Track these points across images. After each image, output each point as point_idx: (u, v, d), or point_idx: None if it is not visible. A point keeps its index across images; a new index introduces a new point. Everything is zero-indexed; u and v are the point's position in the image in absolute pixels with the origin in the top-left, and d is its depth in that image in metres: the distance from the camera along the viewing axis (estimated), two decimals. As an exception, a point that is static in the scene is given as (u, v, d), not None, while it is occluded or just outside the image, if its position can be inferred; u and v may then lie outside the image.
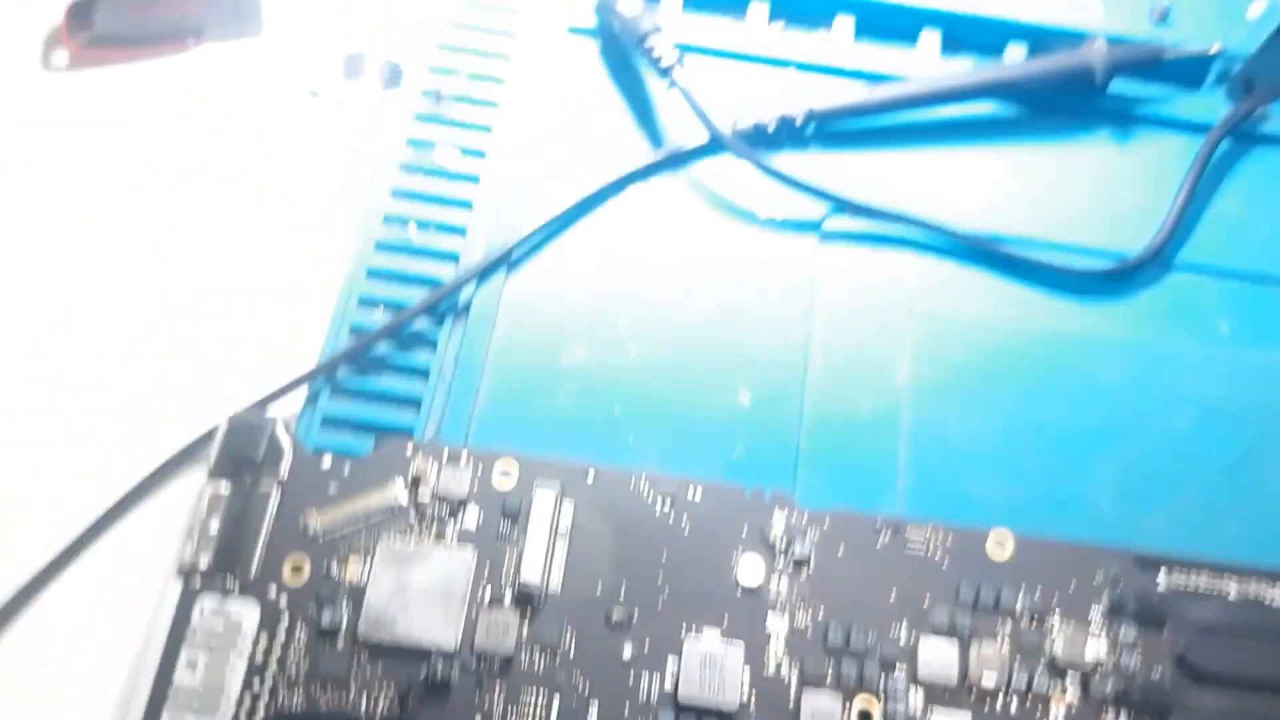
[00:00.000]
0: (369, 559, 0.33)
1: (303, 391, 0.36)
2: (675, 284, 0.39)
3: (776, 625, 0.33)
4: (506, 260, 0.38)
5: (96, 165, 0.41)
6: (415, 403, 0.36)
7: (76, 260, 0.40)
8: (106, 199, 0.41)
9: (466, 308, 0.38)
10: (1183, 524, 0.36)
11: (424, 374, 0.37)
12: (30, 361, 0.38)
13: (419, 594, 0.32)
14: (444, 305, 0.37)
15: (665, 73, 0.40)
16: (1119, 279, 0.39)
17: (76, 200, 0.41)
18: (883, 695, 0.32)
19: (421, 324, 0.37)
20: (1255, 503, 0.36)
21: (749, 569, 0.34)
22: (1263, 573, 0.34)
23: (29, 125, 0.42)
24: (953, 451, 0.36)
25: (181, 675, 0.31)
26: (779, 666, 0.32)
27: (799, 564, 0.34)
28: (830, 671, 0.32)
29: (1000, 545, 0.34)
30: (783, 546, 0.34)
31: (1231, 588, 0.34)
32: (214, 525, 0.33)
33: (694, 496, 0.34)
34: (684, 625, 0.33)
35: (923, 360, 0.38)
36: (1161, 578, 0.34)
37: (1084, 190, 0.41)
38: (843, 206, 0.39)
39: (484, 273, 0.38)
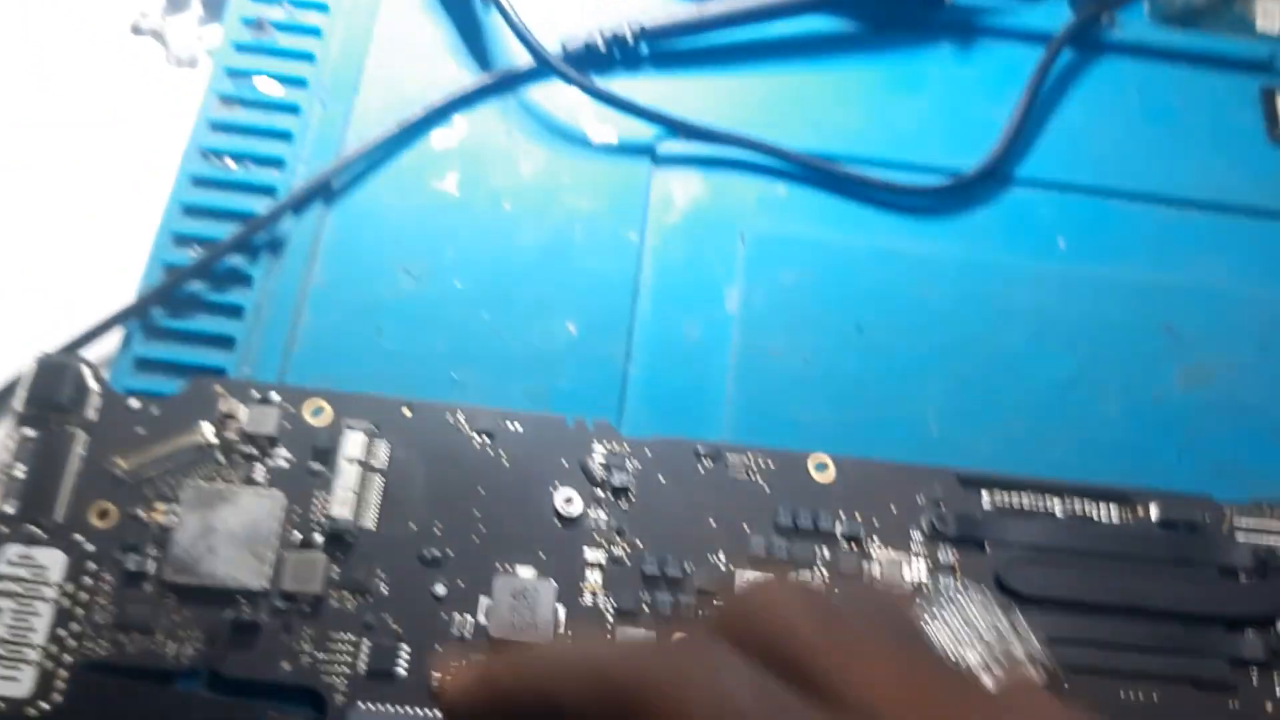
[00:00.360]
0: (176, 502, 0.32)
1: (117, 335, 0.35)
2: (502, 212, 0.38)
3: (594, 557, 0.33)
4: (325, 191, 0.37)
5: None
6: (231, 341, 0.35)
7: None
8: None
9: (284, 242, 0.36)
10: (1012, 444, 0.35)
11: (240, 312, 0.36)
12: None
13: (226, 536, 0.32)
14: (260, 240, 0.36)
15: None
16: (953, 196, 0.38)
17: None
18: (699, 624, 0.32)
19: (238, 260, 0.36)
20: (1087, 422, 0.36)
21: (568, 501, 0.33)
22: (1089, 490, 0.34)
23: None
24: (781, 377, 0.36)
25: (-16, 626, 0.31)
26: (595, 598, 0.32)
27: (619, 493, 0.33)
28: (646, 605, 0.32)
29: (822, 468, 0.34)
30: (603, 476, 0.33)
31: (1057, 507, 0.34)
32: (19, 471, 0.32)
33: (514, 428, 0.34)
34: (499, 562, 0.32)
35: (754, 285, 0.37)
36: (985, 498, 0.34)
37: (923, 107, 0.40)
38: (676, 130, 0.39)
39: (301, 204, 0.37)
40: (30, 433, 0.33)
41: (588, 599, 0.32)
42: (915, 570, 0.33)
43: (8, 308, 0.37)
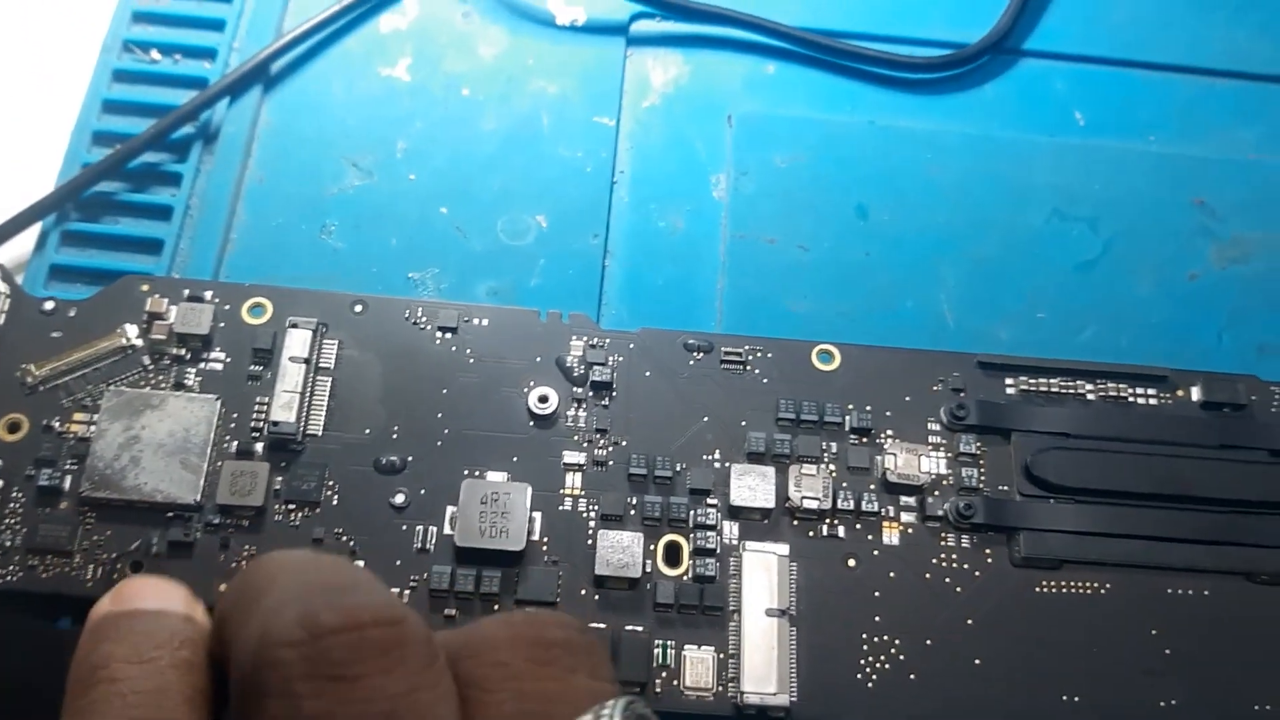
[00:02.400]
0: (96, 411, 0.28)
1: (30, 242, 0.32)
2: (460, 99, 0.34)
3: (573, 459, 0.29)
4: (263, 77, 0.33)
5: None
6: (158, 245, 0.31)
7: None
8: None
9: (216, 135, 0.33)
10: (1035, 331, 0.32)
11: (168, 213, 0.32)
12: None
13: (153, 446, 0.28)
14: (190, 134, 0.33)
15: None
16: (959, 69, 0.35)
17: None
18: (692, 530, 0.28)
19: (165, 158, 0.32)
20: (1116, 304, 0.33)
21: (542, 400, 0.29)
22: (1123, 373, 0.30)
23: None
24: (777, 268, 0.33)
25: None
26: (574, 503, 0.28)
27: (599, 390, 0.30)
28: (633, 508, 0.28)
29: (826, 358, 0.30)
30: (581, 372, 0.30)
31: (1088, 391, 0.30)
32: (-82, 383, 0.29)
33: (480, 323, 0.30)
34: (466, 468, 0.28)
35: (744, 170, 0.34)
36: (1008, 384, 0.30)
37: (920, -25, 0.37)
38: (652, 6, 0.35)
39: (235, 91, 0.33)
40: (-70, 340, 0.29)
41: (567, 504, 0.28)
42: (933, 463, 0.29)
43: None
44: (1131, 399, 0.30)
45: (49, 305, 0.30)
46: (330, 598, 0.15)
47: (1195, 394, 0.30)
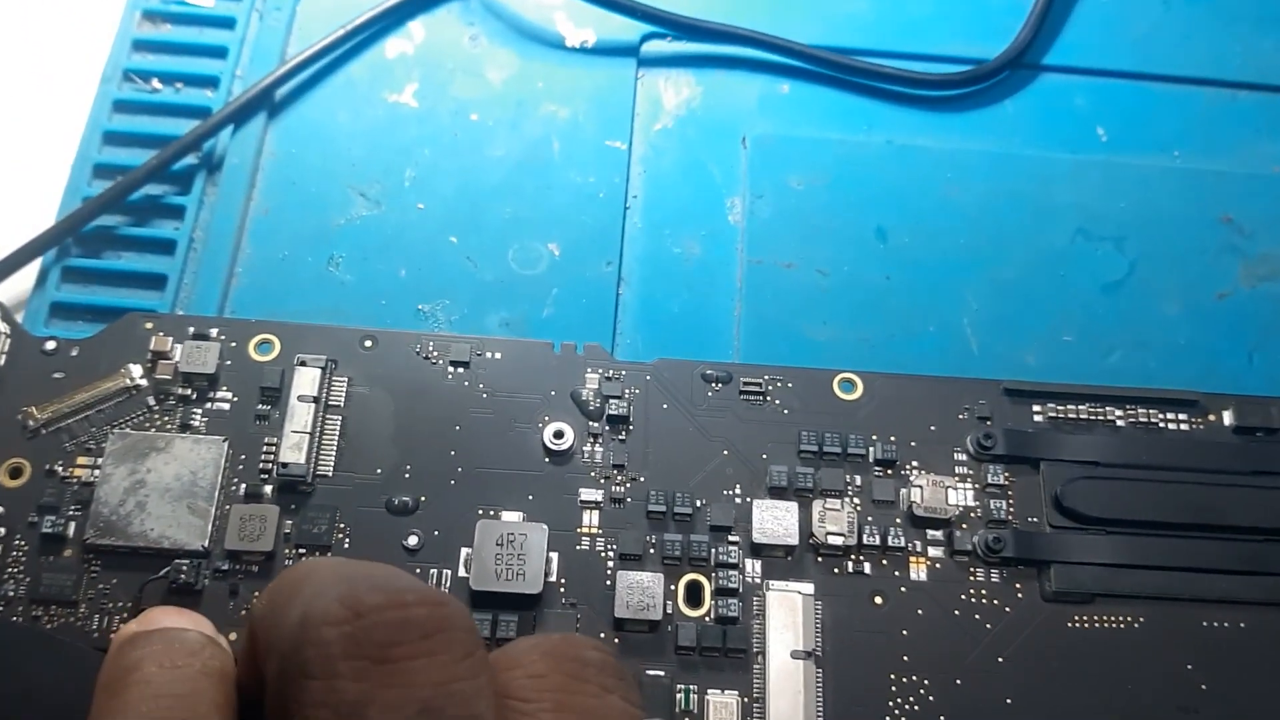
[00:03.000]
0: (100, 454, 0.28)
1: (30, 279, 0.31)
2: (469, 124, 0.33)
3: (590, 497, 0.28)
4: (267, 104, 0.33)
5: None
6: (162, 280, 0.31)
7: None
8: None
9: (220, 165, 0.32)
10: (1061, 355, 0.32)
11: (171, 247, 0.31)
12: None
13: (159, 491, 0.27)
14: (194, 164, 0.32)
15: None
16: (977, 86, 0.34)
17: None
18: (713, 569, 0.27)
19: (168, 190, 0.32)
20: (1143, 325, 0.32)
21: (557, 435, 0.29)
22: (1153, 397, 0.30)
23: None
24: (795, 293, 0.32)
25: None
26: (593, 541, 0.28)
27: (616, 424, 0.29)
28: (652, 546, 0.28)
29: (849, 387, 0.29)
30: (597, 406, 0.29)
31: (1117, 417, 0.30)
32: (-82, 427, 0.28)
33: (493, 356, 0.29)
34: (480, 507, 0.28)
35: (760, 193, 0.33)
36: (1035, 411, 0.29)
37: (935, -9, 0.36)
38: (663, 26, 0.34)
39: (239, 119, 0.32)
40: (-70, 382, 0.28)
41: (584, 544, 0.28)
42: (961, 495, 0.28)
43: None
44: (1162, 424, 0.30)
45: (50, 345, 0.29)
46: (373, 580, 0.15)
47: (1227, 419, 0.30)
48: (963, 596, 0.28)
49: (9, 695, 0.24)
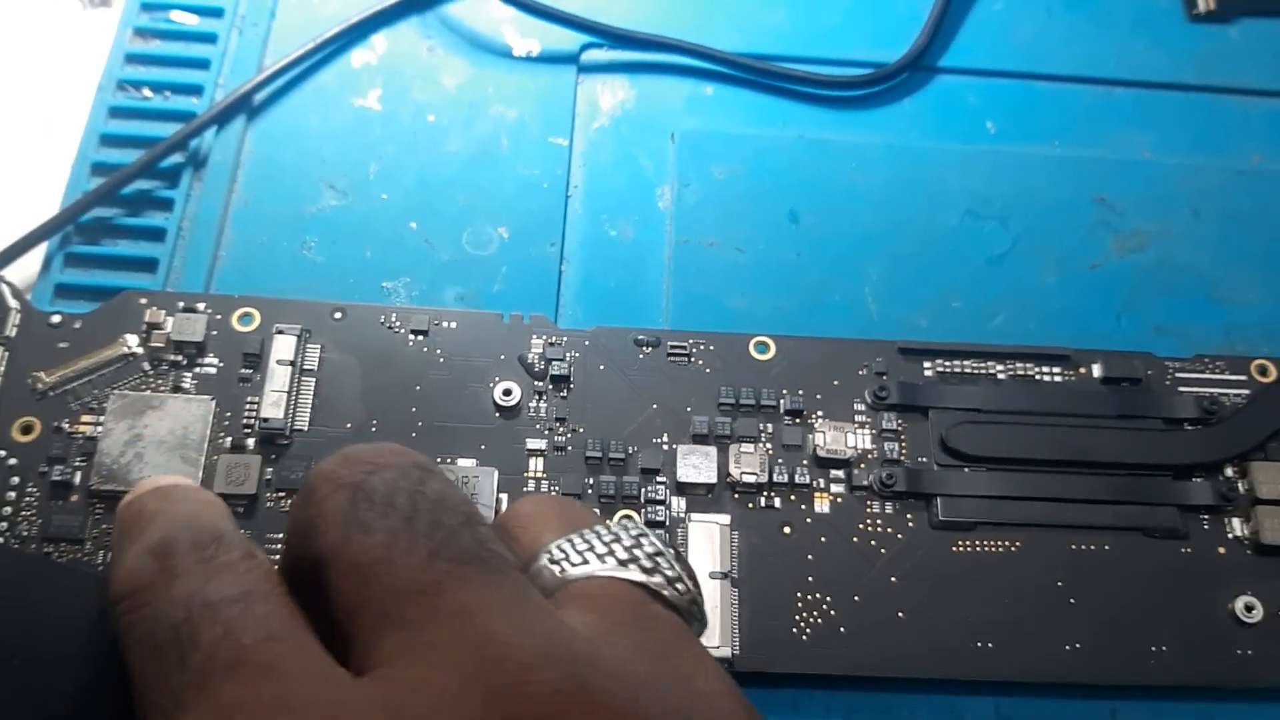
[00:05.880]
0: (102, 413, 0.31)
1: (36, 264, 0.35)
2: (427, 125, 0.37)
3: (535, 445, 0.32)
4: (247, 108, 0.37)
5: None
6: (154, 264, 0.35)
7: None
8: None
9: (205, 162, 0.36)
10: (951, 319, 0.35)
11: (162, 234, 0.35)
12: None
13: (155, 443, 0.31)
14: (181, 162, 0.36)
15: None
16: (880, 85, 0.38)
17: None
18: (643, 505, 0.31)
19: (158, 185, 0.36)
20: (1024, 292, 0.36)
21: (506, 393, 0.32)
22: (1030, 354, 0.34)
23: None
24: (718, 269, 0.36)
25: (-101, 544, 0.29)
26: (538, 484, 0.32)
27: (558, 383, 0.33)
28: (590, 487, 0.31)
29: (763, 347, 0.34)
30: (541, 368, 0.33)
31: (999, 371, 0.34)
32: (-63, 393, 0.32)
33: (448, 325, 0.33)
34: (438, 456, 0.32)
35: (686, 182, 0.37)
36: (926, 367, 0.34)
37: (845, 2, 0.40)
38: (601, 37, 0.38)
39: (222, 120, 0.36)
40: (-52, 353, 0.32)
41: (530, 486, 0.31)
42: (859, 439, 0.32)
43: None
44: (1038, 377, 0.34)
45: (56, 319, 0.33)
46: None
47: (1096, 371, 0.34)
48: (860, 526, 0.31)
49: (24, 615, 0.28)
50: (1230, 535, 0.32)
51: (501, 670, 0.16)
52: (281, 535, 0.30)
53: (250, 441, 0.31)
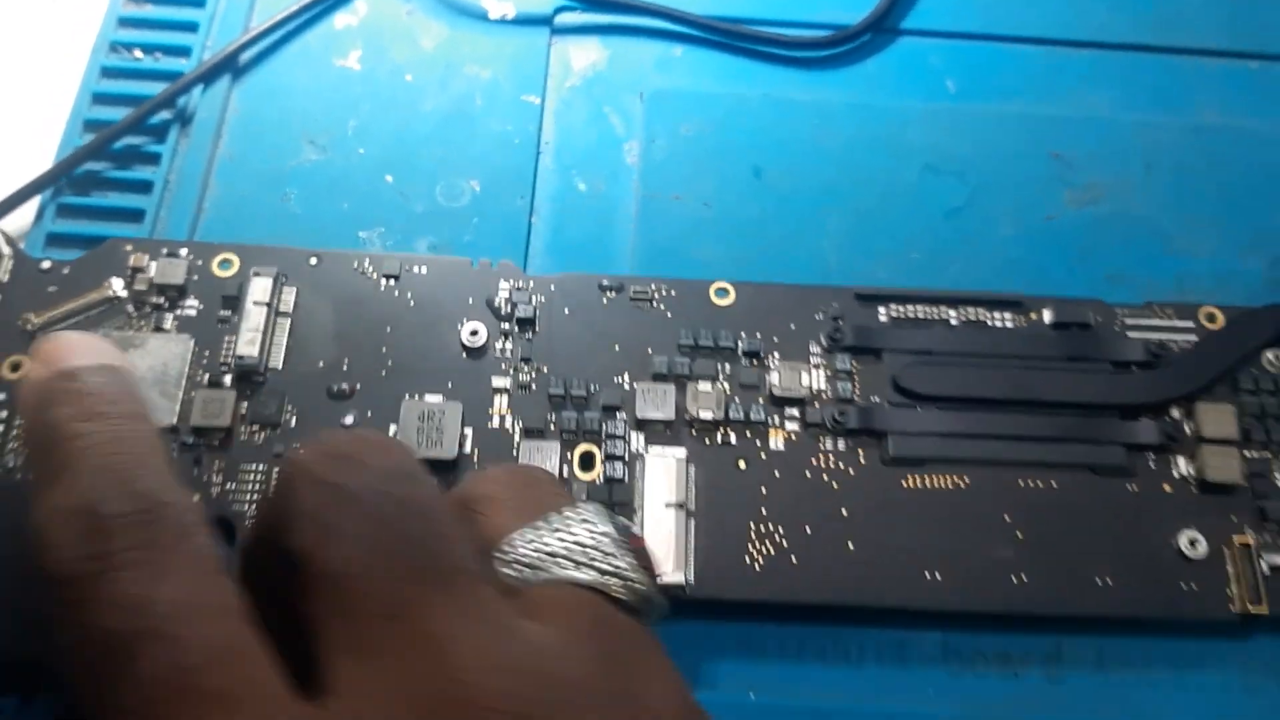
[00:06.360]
0: (86, 352, 0.33)
1: (30, 214, 0.36)
2: (404, 84, 0.39)
3: (500, 384, 0.33)
4: (233, 67, 0.38)
5: None
6: (140, 214, 0.36)
7: None
8: None
9: (191, 118, 0.38)
10: (908, 269, 0.36)
11: (149, 187, 0.37)
12: None
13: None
14: (168, 118, 0.37)
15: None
16: (843, 46, 0.40)
17: None
18: (603, 440, 0.32)
19: (146, 141, 0.37)
20: (980, 244, 0.37)
21: (473, 334, 0.34)
22: (983, 299, 0.35)
23: None
24: (683, 221, 0.37)
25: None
26: (502, 420, 0.33)
27: (524, 325, 0.34)
28: (553, 424, 0.33)
29: (723, 293, 0.35)
30: (508, 310, 0.34)
31: (952, 316, 0.35)
32: (-69, 334, 0.33)
33: (419, 270, 0.35)
34: (407, 393, 0.33)
35: (653, 139, 0.38)
36: (881, 312, 0.35)
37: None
38: (574, 0, 0.40)
39: (209, 78, 0.38)
40: (-58, 295, 0.33)
41: (495, 421, 0.33)
42: (814, 379, 0.33)
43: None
44: (990, 322, 0.35)
45: (46, 265, 0.34)
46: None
47: (1047, 316, 0.35)
48: (813, 461, 0.32)
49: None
50: (1176, 475, 0.33)
51: (464, 712, 0.16)
52: (254, 466, 0.31)
53: (227, 379, 0.33)
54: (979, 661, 0.31)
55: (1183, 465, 0.33)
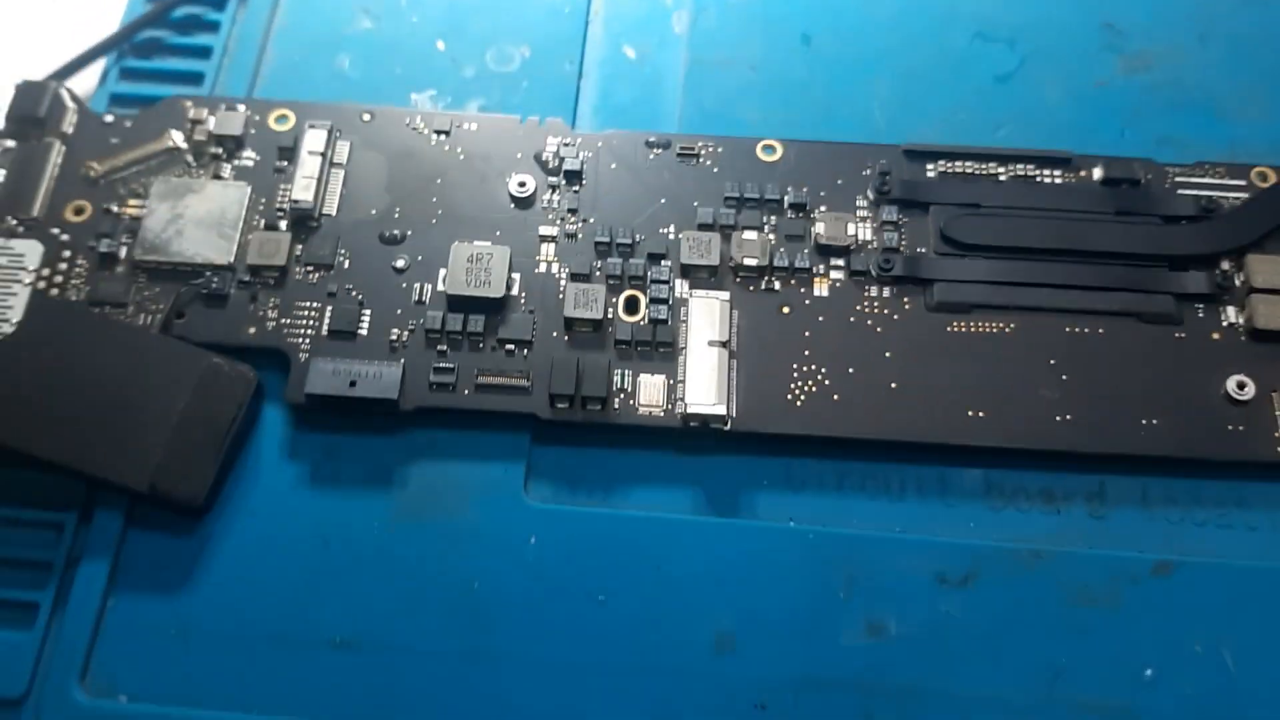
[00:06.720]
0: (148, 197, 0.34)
1: (94, 77, 0.37)
2: (457, -44, 0.39)
3: (547, 232, 0.34)
4: (289, -59, 0.39)
5: None
6: (200, 77, 0.37)
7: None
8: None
9: (250, -13, 0.38)
10: (956, 130, 0.36)
11: (208, 52, 0.37)
12: None
13: (194, 221, 0.33)
14: (227, -14, 0.38)
15: None
16: (893, -82, 0.40)
17: None
18: (648, 285, 0.33)
19: (205, 10, 0.38)
20: (1029, 107, 0.37)
21: (521, 185, 0.34)
22: (1032, 156, 0.35)
23: None
24: (729, 85, 0.37)
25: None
26: (548, 266, 0.33)
27: (571, 178, 0.34)
28: (598, 270, 0.33)
29: (770, 149, 0.35)
30: (555, 164, 0.35)
31: (1000, 172, 0.35)
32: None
33: (469, 127, 0.35)
34: (457, 238, 0.33)
35: (702, 8, 0.39)
36: (929, 168, 0.35)
37: None
38: (623, -124, 0.40)
39: (265, -49, 0.39)
40: (10, 144, 0.35)
41: (542, 267, 0.33)
42: (860, 230, 0.34)
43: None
44: (1039, 179, 0.35)
45: (109, 118, 0.35)
46: None
47: (1096, 174, 0.35)
48: (858, 307, 0.33)
49: (84, 357, 0.30)
50: (1225, 323, 0.32)
51: None
52: (308, 303, 0.32)
53: (282, 224, 0.34)
54: (1020, 497, 0.31)
55: (1231, 314, 0.33)
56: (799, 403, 0.31)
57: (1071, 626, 0.29)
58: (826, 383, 0.31)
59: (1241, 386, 0.31)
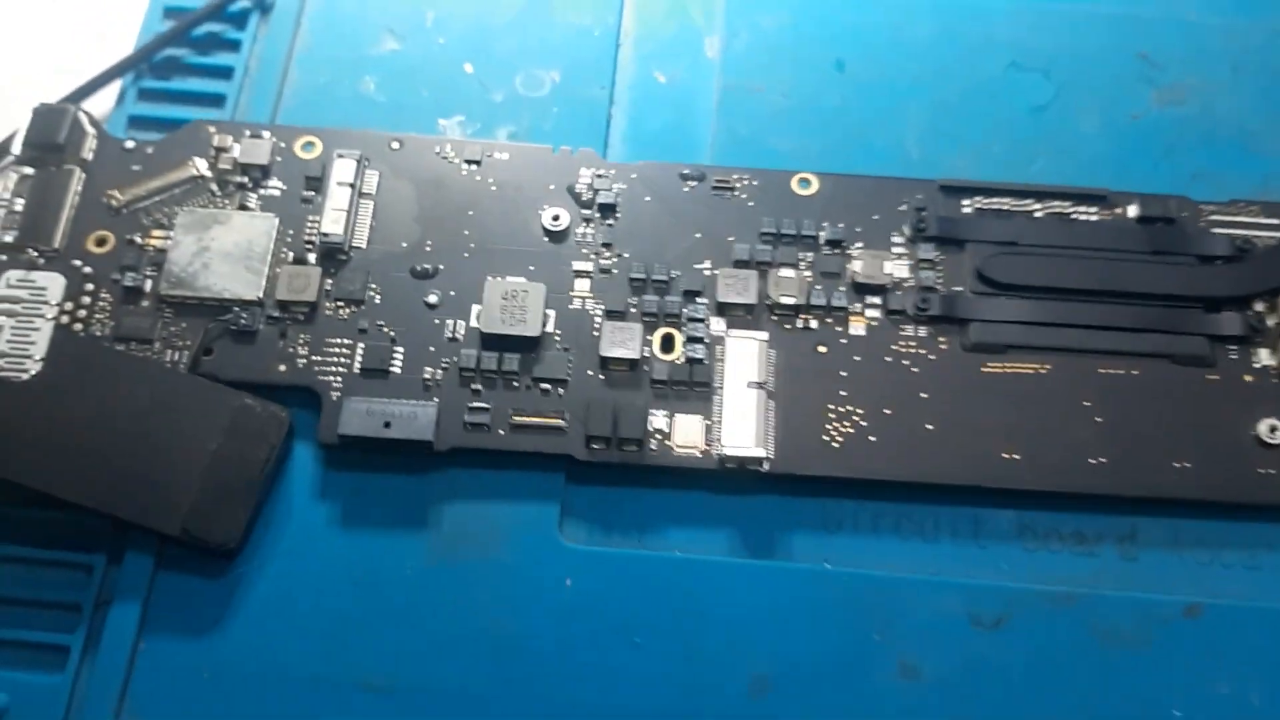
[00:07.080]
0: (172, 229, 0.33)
1: (112, 98, 0.36)
2: (484, -24, 0.39)
3: (582, 267, 0.33)
4: (312, -42, 0.38)
5: None
6: (221, 99, 0.36)
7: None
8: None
9: (271, 7, 0.38)
10: (991, 163, 0.36)
11: (230, 73, 0.37)
12: None
13: (221, 254, 0.33)
14: (248, 6, 0.38)
15: None
16: (927, -60, 0.39)
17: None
18: (684, 323, 0.32)
19: (226, 29, 0.37)
20: (1064, 140, 0.36)
21: (555, 218, 0.34)
22: (1068, 193, 0.34)
23: None
24: (763, 113, 0.37)
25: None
26: (583, 303, 0.33)
27: (605, 211, 0.34)
28: (633, 306, 0.33)
29: (805, 183, 0.34)
30: (589, 197, 0.34)
31: (1036, 209, 0.34)
32: (18, 206, 0.33)
33: (501, 157, 0.35)
34: (490, 274, 0.33)
35: (735, 32, 0.38)
36: (964, 204, 0.34)
37: None
38: (652, -107, 0.39)
39: (288, -32, 0.38)
40: (29, 171, 0.34)
41: (576, 304, 0.33)
42: (897, 268, 0.33)
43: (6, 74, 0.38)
44: (1075, 216, 0.34)
45: (130, 144, 0.34)
46: None
47: (1132, 211, 0.34)
48: (894, 347, 0.32)
49: (111, 397, 0.30)
50: (1257, 365, 0.32)
51: None
52: (339, 340, 0.32)
53: (311, 257, 0.33)
54: (1053, 539, 0.31)
55: (1265, 356, 0.32)
56: (835, 444, 0.31)
57: (1102, 668, 0.29)
58: (863, 424, 0.31)
59: (1273, 430, 0.31)
